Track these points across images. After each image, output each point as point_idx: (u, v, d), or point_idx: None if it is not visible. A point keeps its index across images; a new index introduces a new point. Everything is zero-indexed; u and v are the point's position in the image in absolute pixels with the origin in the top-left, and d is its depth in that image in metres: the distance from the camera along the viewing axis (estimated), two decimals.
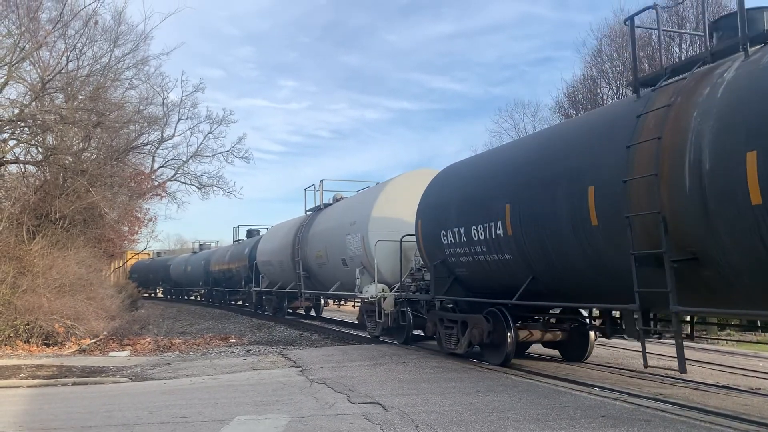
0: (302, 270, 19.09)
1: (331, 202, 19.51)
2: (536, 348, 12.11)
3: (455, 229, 10.54)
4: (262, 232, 30.02)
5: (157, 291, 50.48)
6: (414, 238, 12.71)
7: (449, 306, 11.67)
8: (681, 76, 6.93)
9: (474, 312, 10.66)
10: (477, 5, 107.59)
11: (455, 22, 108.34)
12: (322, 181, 20.06)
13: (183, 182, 32.88)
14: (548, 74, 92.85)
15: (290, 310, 24.60)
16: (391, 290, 13.72)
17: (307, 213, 20.64)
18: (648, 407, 6.72)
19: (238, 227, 34.12)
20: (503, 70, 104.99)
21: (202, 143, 33.52)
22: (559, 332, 10.42)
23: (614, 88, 33.27)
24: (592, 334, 10.63)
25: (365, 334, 15.87)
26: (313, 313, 25.15)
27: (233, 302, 33.15)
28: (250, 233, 32.14)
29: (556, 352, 11.51)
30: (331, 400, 7.35)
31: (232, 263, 30.00)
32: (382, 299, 13.56)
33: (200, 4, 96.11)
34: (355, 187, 19.54)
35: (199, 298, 40.54)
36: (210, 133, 33.77)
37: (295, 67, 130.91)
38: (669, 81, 7.06)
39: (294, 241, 19.86)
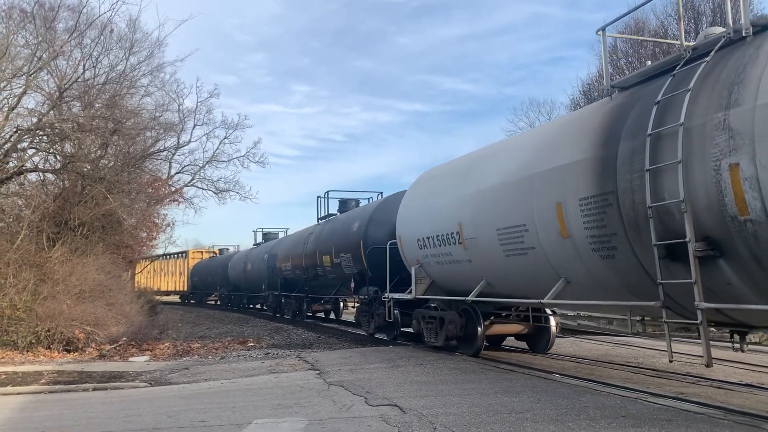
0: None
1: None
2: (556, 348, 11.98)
3: None
4: (363, 203, 19.99)
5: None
6: None
7: None
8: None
9: None
10: (487, 7, 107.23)
11: (466, 24, 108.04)
12: None
13: (200, 187, 33.22)
14: (561, 73, 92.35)
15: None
16: None
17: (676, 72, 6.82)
18: (670, 406, 6.62)
19: (327, 196, 21.38)
20: (516, 70, 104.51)
21: (217, 148, 33.88)
22: None
23: None
24: None
25: None
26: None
27: (311, 314, 24.05)
28: (345, 204, 20.23)
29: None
30: (348, 403, 7.33)
31: (322, 252, 18.97)
32: None
33: (213, 11, 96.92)
34: None
35: (265, 308, 30.01)
36: (225, 138, 34.17)
37: (308, 72, 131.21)
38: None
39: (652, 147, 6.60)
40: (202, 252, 45.13)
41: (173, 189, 31.12)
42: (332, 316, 24.37)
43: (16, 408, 8.20)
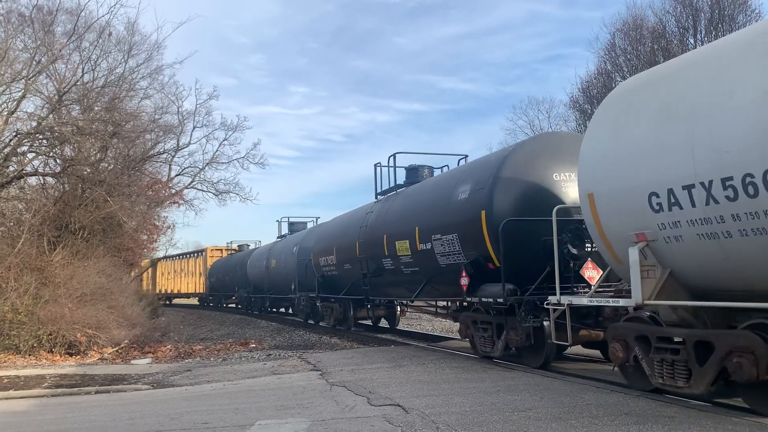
0: None
1: None
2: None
3: None
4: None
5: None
6: None
7: None
8: None
9: None
10: (484, 6, 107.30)
11: (463, 23, 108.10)
12: None
13: (200, 189, 33.32)
14: (559, 71, 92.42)
15: None
16: None
17: None
18: (672, 403, 6.62)
19: (392, 162, 15.70)
20: (513, 68, 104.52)
21: (217, 150, 33.99)
22: None
23: None
24: None
25: None
26: None
27: (360, 323, 18.79)
28: (416, 173, 15.09)
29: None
30: (351, 403, 7.33)
31: (394, 237, 13.44)
32: None
33: (211, 13, 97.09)
34: None
35: (291, 312, 26.13)
36: (225, 140, 34.26)
37: (306, 73, 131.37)
38: None
39: None
40: (221, 250, 41.39)
41: (173, 191, 31.19)
42: (383, 323, 19.08)
43: (18, 412, 8.21)
